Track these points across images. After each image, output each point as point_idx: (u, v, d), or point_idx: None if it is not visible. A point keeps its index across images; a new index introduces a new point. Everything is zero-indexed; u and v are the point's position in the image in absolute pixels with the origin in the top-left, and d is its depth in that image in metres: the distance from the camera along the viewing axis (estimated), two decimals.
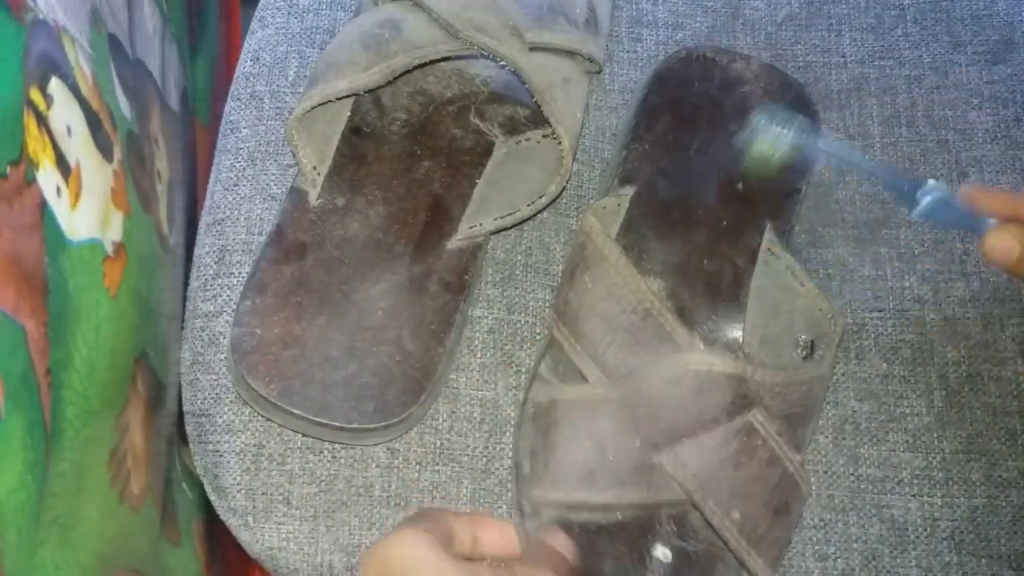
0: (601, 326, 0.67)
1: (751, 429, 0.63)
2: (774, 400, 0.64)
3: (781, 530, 0.64)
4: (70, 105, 0.59)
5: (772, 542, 0.63)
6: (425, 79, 0.77)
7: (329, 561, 0.69)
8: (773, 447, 0.63)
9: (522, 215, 0.72)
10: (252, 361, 0.68)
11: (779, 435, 0.63)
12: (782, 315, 0.70)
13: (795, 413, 0.65)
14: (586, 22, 0.76)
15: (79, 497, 0.56)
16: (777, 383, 0.63)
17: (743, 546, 0.62)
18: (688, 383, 0.63)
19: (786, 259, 0.70)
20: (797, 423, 0.65)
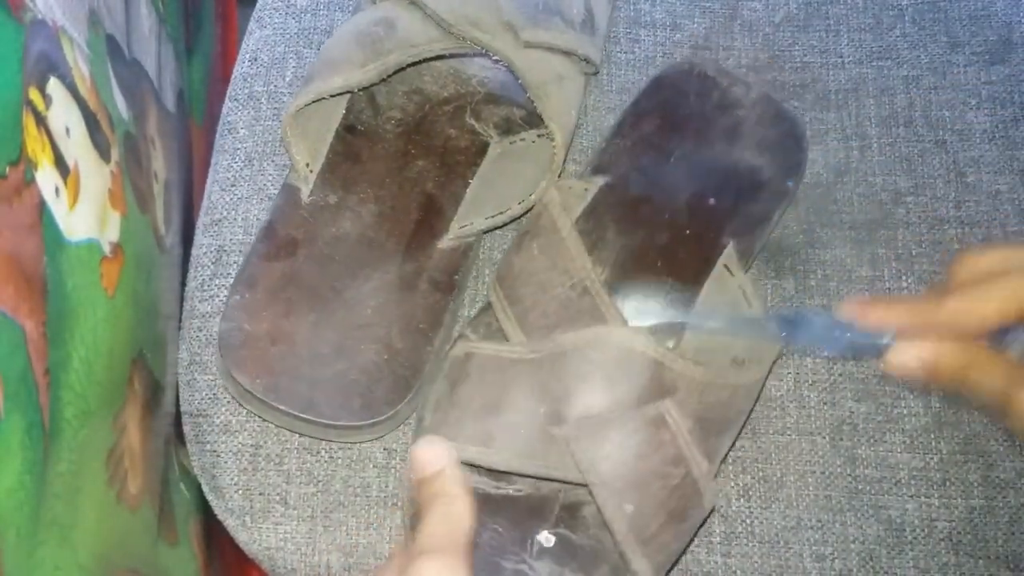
0: (537, 293, 0.66)
1: (661, 421, 0.61)
2: (690, 396, 0.62)
3: (673, 537, 0.62)
4: (68, 105, 0.59)
5: (661, 546, 0.61)
6: (421, 78, 0.77)
7: (327, 561, 0.69)
8: (681, 445, 0.61)
9: (513, 214, 0.72)
10: (239, 356, 0.67)
11: (689, 434, 0.61)
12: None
13: (711, 418, 0.63)
14: (583, 23, 0.76)
15: (78, 497, 0.56)
16: (697, 379, 0.62)
17: (630, 542, 0.60)
18: (606, 357, 0.62)
19: (740, 279, 0.69)
20: (711, 430, 0.63)
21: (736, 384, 0.64)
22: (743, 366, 0.65)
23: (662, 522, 0.61)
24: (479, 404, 0.64)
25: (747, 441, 0.71)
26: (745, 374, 0.65)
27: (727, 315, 0.66)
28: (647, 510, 0.60)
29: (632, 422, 0.61)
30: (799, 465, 0.70)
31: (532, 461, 0.62)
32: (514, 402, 0.63)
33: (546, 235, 0.68)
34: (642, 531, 0.60)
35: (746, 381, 0.65)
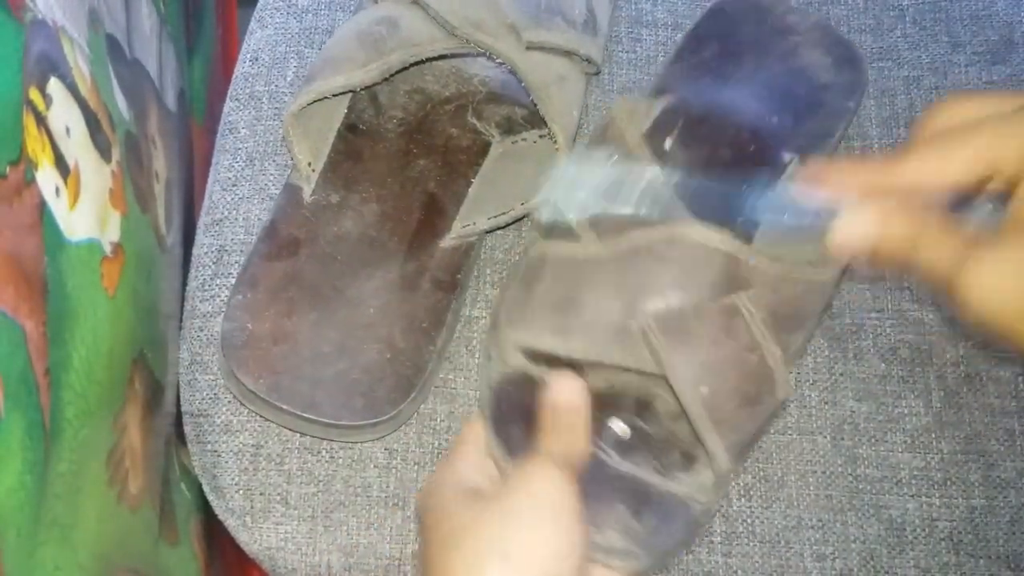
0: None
1: (735, 311, 0.61)
2: (764, 290, 0.62)
3: (748, 420, 0.62)
4: (69, 105, 0.59)
5: (735, 428, 0.61)
6: (423, 78, 0.77)
7: (327, 561, 0.69)
8: (755, 333, 0.61)
9: (515, 214, 0.72)
10: (242, 356, 0.67)
11: (763, 324, 0.62)
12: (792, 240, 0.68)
13: (784, 313, 0.63)
14: (584, 23, 0.76)
15: (78, 497, 0.56)
16: (771, 273, 0.62)
17: (705, 423, 0.60)
18: (681, 253, 0.61)
19: None
20: (784, 325, 0.63)
21: (809, 280, 0.63)
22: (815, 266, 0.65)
23: (736, 405, 0.61)
24: (555, 300, 0.64)
25: None
26: (819, 271, 0.64)
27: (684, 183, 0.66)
28: (722, 393, 0.60)
29: (707, 312, 0.61)
30: (800, 465, 0.70)
31: (608, 353, 0.62)
32: (590, 298, 0.63)
33: (613, 143, 0.67)
34: (716, 412, 0.60)
35: (819, 279, 0.64)
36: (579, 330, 0.63)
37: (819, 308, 0.66)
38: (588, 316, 0.63)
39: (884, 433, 0.71)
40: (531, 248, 0.68)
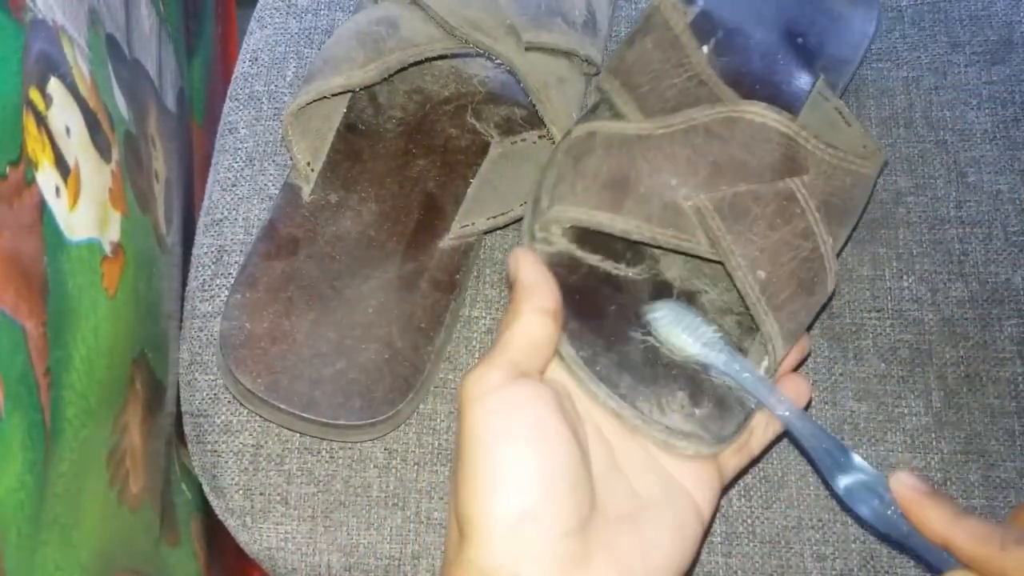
0: (654, 82, 0.65)
1: (792, 195, 0.60)
2: (819, 178, 0.61)
3: (802, 306, 0.60)
4: (69, 105, 0.59)
5: (791, 314, 0.60)
6: (422, 78, 0.77)
7: (327, 561, 0.69)
8: (810, 220, 0.60)
9: (515, 215, 0.72)
10: (240, 355, 0.67)
11: (817, 211, 0.60)
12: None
13: (834, 204, 0.62)
14: (584, 24, 0.76)
15: (79, 497, 0.56)
16: (826, 160, 0.61)
17: (762, 305, 0.58)
18: (739, 131, 0.60)
19: (836, 102, 0.69)
20: (833, 215, 0.62)
21: (858, 172, 0.63)
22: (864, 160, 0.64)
23: (792, 291, 0.60)
24: (606, 175, 0.62)
25: None
26: (866, 165, 0.64)
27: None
28: (778, 277, 0.59)
29: (763, 194, 0.60)
30: (800, 465, 0.70)
31: (663, 230, 0.60)
32: (643, 174, 0.61)
33: (659, 31, 0.67)
34: (774, 297, 0.59)
35: (866, 172, 0.64)
36: (632, 208, 0.61)
37: (862, 204, 0.65)
38: (641, 194, 0.61)
39: (884, 433, 0.71)
40: (575, 128, 0.66)
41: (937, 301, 0.74)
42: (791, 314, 0.60)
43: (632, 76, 0.66)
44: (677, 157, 0.61)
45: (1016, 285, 0.74)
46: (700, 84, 0.64)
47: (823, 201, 0.61)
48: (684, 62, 0.65)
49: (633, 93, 0.65)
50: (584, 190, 0.62)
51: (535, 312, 0.56)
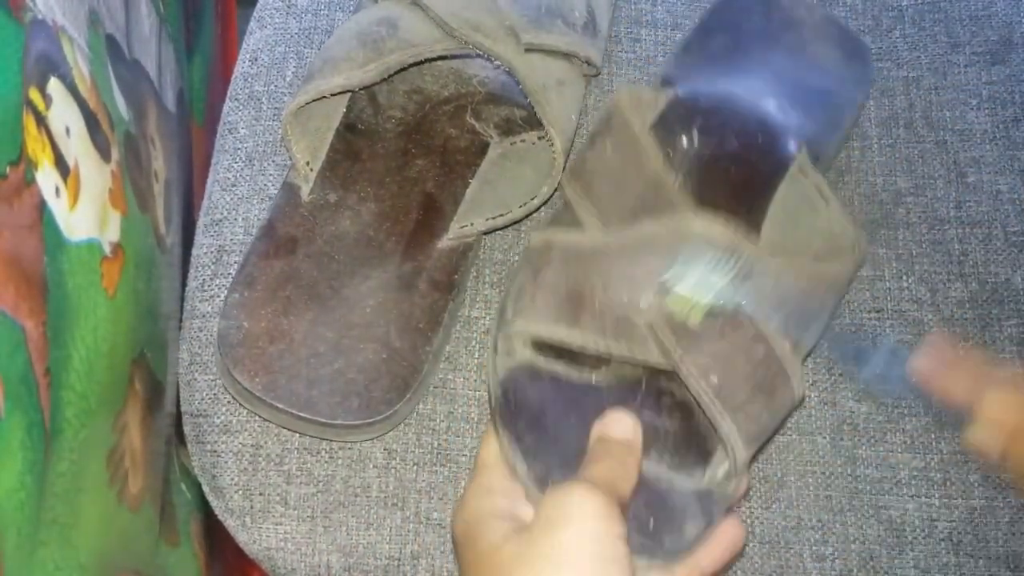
0: (612, 188, 0.66)
1: (737, 304, 0.61)
2: (767, 282, 0.62)
3: (762, 408, 0.61)
4: (69, 105, 0.59)
5: (750, 416, 0.60)
6: (422, 78, 0.77)
7: (327, 561, 0.69)
8: (759, 325, 0.61)
9: (513, 216, 0.72)
10: (238, 354, 0.67)
11: (767, 319, 0.61)
12: (801, 229, 0.68)
13: (791, 307, 0.62)
14: (584, 25, 0.76)
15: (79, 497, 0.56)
16: (773, 268, 0.62)
17: (717, 407, 0.59)
18: (686, 244, 0.61)
19: (816, 178, 0.69)
20: (791, 320, 0.63)
21: (814, 273, 0.63)
22: (823, 260, 0.65)
23: (749, 392, 0.60)
24: (564, 289, 0.64)
25: None
26: (822, 266, 0.64)
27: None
28: (732, 381, 0.60)
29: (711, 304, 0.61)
30: (799, 465, 0.70)
31: (617, 344, 0.62)
32: (597, 289, 0.62)
33: (619, 133, 0.68)
34: (729, 399, 0.60)
35: (825, 272, 0.64)
36: (588, 322, 0.62)
37: (829, 302, 0.65)
38: (596, 308, 0.62)
39: (884, 433, 0.71)
40: (533, 235, 0.68)
41: (937, 301, 0.74)
42: (750, 416, 0.60)
43: (592, 182, 0.68)
44: (629, 270, 0.62)
45: (1016, 285, 0.74)
46: (657, 189, 0.65)
47: (776, 306, 0.62)
48: (642, 166, 0.66)
49: (592, 200, 0.67)
50: (544, 304, 0.64)
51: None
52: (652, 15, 0.84)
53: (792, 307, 0.62)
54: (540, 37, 0.72)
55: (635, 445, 0.59)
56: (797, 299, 0.63)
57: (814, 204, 0.68)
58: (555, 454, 0.61)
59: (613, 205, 0.66)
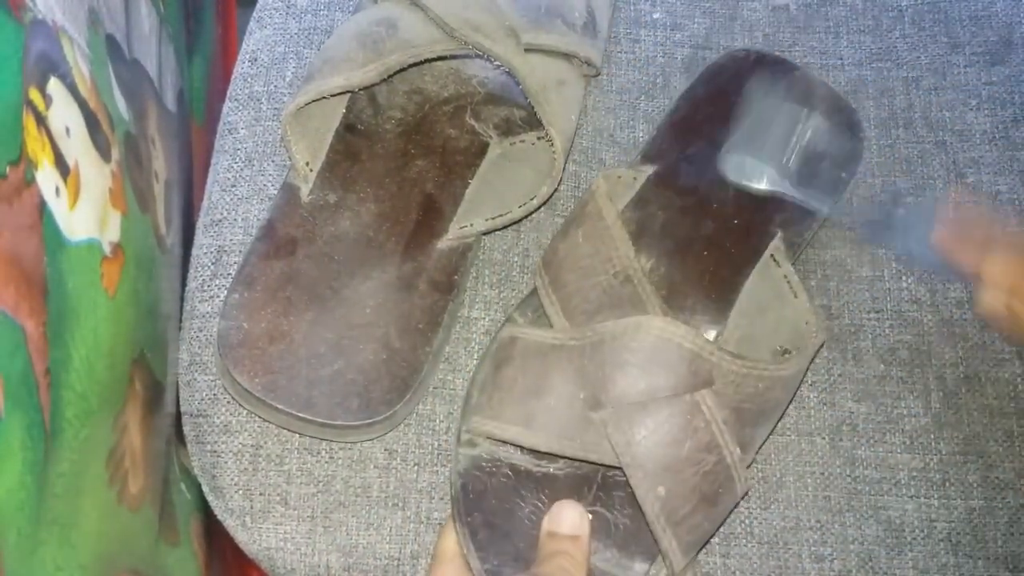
0: (580, 280, 0.67)
1: (696, 409, 0.62)
2: (727, 387, 0.63)
3: (704, 518, 0.63)
4: (69, 105, 0.59)
5: (692, 528, 0.62)
6: (421, 78, 0.77)
7: (326, 561, 0.69)
8: (715, 433, 0.62)
9: (513, 216, 0.72)
10: (238, 355, 0.67)
11: (724, 423, 0.62)
12: (768, 320, 0.69)
13: (747, 409, 0.63)
14: (584, 25, 0.76)
15: (78, 497, 0.56)
16: (733, 371, 0.62)
17: (660, 523, 0.61)
18: (645, 347, 0.62)
19: (787, 269, 0.70)
20: (747, 420, 0.64)
21: (774, 376, 0.64)
22: (784, 357, 0.66)
23: (693, 505, 0.61)
24: (522, 387, 0.65)
25: None
26: (785, 366, 0.65)
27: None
28: (679, 493, 0.61)
29: (667, 409, 0.62)
30: (798, 466, 0.70)
31: (570, 443, 0.63)
32: (555, 386, 0.64)
33: (591, 223, 0.68)
34: (673, 513, 0.61)
35: (784, 374, 0.65)
36: (542, 422, 0.64)
37: (784, 400, 0.67)
38: (551, 406, 0.64)
39: (883, 434, 0.71)
40: (505, 326, 0.69)
41: (936, 302, 0.74)
42: (691, 528, 0.62)
43: (561, 273, 0.68)
44: (587, 369, 0.63)
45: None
46: (625, 281, 0.66)
47: (733, 409, 0.63)
48: (612, 257, 0.67)
49: (559, 293, 0.68)
50: (499, 402, 0.65)
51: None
52: (651, 16, 0.84)
53: (747, 408, 0.63)
54: (540, 37, 0.72)
55: (583, 539, 0.62)
56: (755, 401, 0.64)
57: (783, 296, 0.69)
58: (508, 550, 0.63)
59: (579, 299, 0.67)
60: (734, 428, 0.63)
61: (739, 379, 0.63)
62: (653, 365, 0.62)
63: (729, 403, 0.63)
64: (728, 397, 0.63)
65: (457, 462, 0.66)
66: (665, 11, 0.84)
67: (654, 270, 0.71)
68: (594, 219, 0.68)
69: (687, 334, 0.62)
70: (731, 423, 0.63)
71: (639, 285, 0.66)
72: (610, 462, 0.63)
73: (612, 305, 0.66)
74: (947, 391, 0.72)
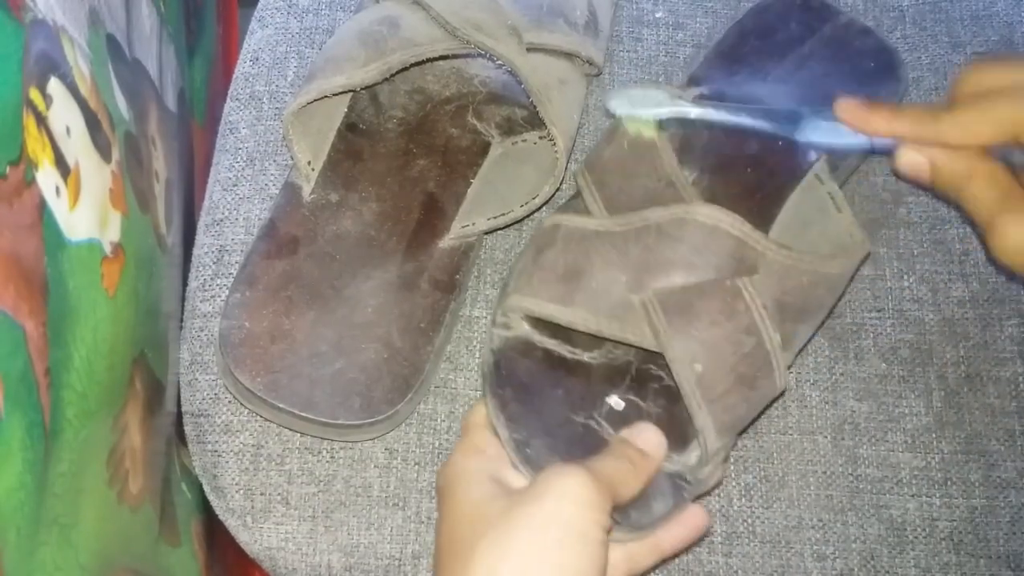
0: (624, 182, 0.68)
1: (737, 293, 0.62)
2: (771, 277, 0.62)
3: (741, 401, 0.62)
4: (69, 105, 0.59)
5: (727, 408, 0.62)
6: (423, 78, 0.77)
7: (327, 561, 0.69)
8: (755, 317, 0.62)
9: (515, 215, 0.72)
10: (240, 354, 0.67)
11: (764, 309, 0.62)
12: (810, 233, 0.69)
13: (789, 303, 0.63)
14: (586, 24, 0.76)
15: (79, 497, 0.56)
16: (779, 261, 0.62)
17: (696, 398, 0.61)
18: (689, 232, 0.62)
19: (831, 186, 0.70)
20: (788, 314, 0.63)
21: (816, 271, 0.64)
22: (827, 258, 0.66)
23: (730, 385, 0.61)
24: (563, 268, 0.65)
25: (749, 440, 0.71)
26: (831, 263, 0.65)
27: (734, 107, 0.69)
28: (716, 371, 0.61)
29: (708, 292, 0.62)
30: (800, 464, 0.70)
31: (609, 323, 0.63)
32: (597, 269, 0.64)
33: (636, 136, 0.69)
34: (709, 391, 0.61)
35: (830, 271, 0.65)
36: (582, 301, 0.63)
37: (827, 302, 0.66)
38: (593, 288, 0.64)
39: (884, 433, 0.71)
40: (545, 219, 0.69)
41: (938, 301, 0.74)
42: (727, 407, 0.61)
43: (605, 175, 0.69)
44: (630, 254, 0.64)
45: (1016, 285, 0.74)
46: (668, 185, 0.67)
47: (776, 300, 0.63)
48: (656, 165, 0.67)
49: (603, 192, 0.68)
50: (540, 281, 0.65)
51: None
52: (653, 15, 0.84)
53: (790, 301, 0.63)
54: (542, 37, 0.72)
55: (652, 460, 0.61)
56: (796, 294, 0.63)
57: (827, 211, 0.69)
58: (536, 424, 0.63)
59: (624, 197, 0.67)
60: (775, 318, 0.62)
61: (784, 270, 0.62)
62: (698, 250, 0.62)
63: (772, 293, 0.62)
64: (772, 287, 0.62)
65: (491, 341, 0.67)
66: (667, 10, 0.84)
67: (697, 183, 0.71)
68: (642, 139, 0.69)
69: (734, 221, 0.62)
70: (772, 312, 0.62)
71: (682, 189, 0.66)
72: (648, 344, 0.62)
73: (656, 203, 0.65)
74: (949, 390, 0.72)
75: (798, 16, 0.78)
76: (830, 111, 0.64)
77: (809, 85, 0.75)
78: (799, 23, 0.78)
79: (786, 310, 0.63)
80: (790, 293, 0.63)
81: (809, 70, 0.76)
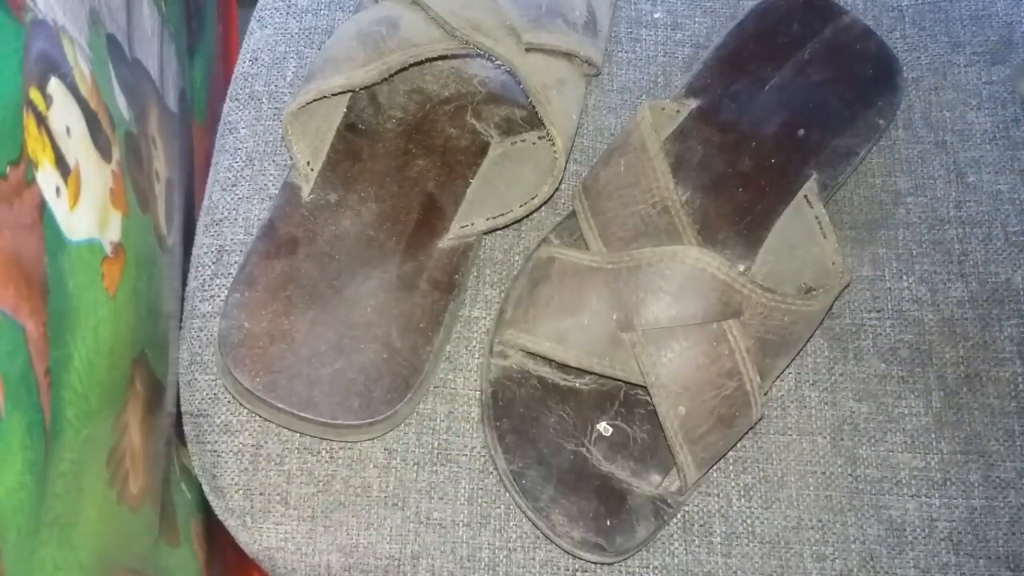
0: (619, 208, 0.69)
1: (723, 337, 0.64)
2: (754, 319, 0.65)
3: (720, 438, 0.65)
4: (69, 105, 0.59)
5: (707, 446, 0.65)
6: (422, 78, 0.77)
7: (327, 561, 0.69)
8: (737, 361, 0.65)
9: (514, 216, 0.72)
10: (239, 354, 0.67)
11: (747, 352, 0.65)
12: (795, 258, 0.71)
13: (771, 340, 0.66)
14: (585, 25, 0.76)
15: (79, 497, 0.56)
16: (762, 303, 0.65)
17: (679, 439, 0.64)
18: (679, 275, 0.65)
19: (819, 210, 0.72)
20: (769, 350, 0.66)
21: (800, 311, 0.66)
22: (810, 294, 0.68)
23: (711, 425, 0.65)
24: (557, 304, 0.68)
25: (748, 441, 0.71)
26: (811, 302, 0.67)
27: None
28: (698, 414, 0.64)
29: (695, 335, 0.64)
30: (800, 465, 0.70)
31: (600, 360, 0.66)
32: (589, 306, 0.67)
33: (634, 153, 0.70)
34: (691, 432, 0.64)
35: (810, 310, 0.67)
36: (575, 338, 0.66)
37: (806, 335, 0.69)
38: (585, 325, 0.66)
39: (884, 433, 0.71)
40: (541, 248, 0.71)
41: (937, 301, 0.74)
42: (707, 445, 0.65)
43: (600, 200, 0.70)
44: (621, 292, 0.66)
45: (1016, 285, 0.74)
46: (663, 212, 0.68)
47: (758, 339, 0.66)
48: (652, 188, 0.69)
49: (598, 219, 0.70)
50: (535, 318, 0.68)
51: None
52: (652, 15, 0.84)
53: (771, 339, 0.66)
54: (541, 37, 0.72)
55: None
56: (778, 333, 0.66)
57: (813, 236, 0.71)
58: (533, 454, 0.67)
59: (617, 226, 0.69)
60: (756, 357, 0.65)
61: (767, 311, 0.65)
62: (686, 292, 0.65)
63: (754, 333, 0.65)
64: (754, 327, 0.65)
65: (488, 371, 0.69)
66: (666, 10, 0.84)
67: (689, 203, 0.72)
68: (637, 150, 0.70)
69: (721, 265, 0.64)
70: (754, 352, 0.65)
71: (676, 216, 0.68)
72: (636, 380, 0.65)
73: (648, 234, 0.68)
74: (948, 390, 0.72)
75: (800, 17, 0.78)
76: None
77: (807, 93, 0.76)
78: (801, 24, 0.78)
79: (767, 347, 0.66)
80: (772, 332, 0.66)
81: (807, 77, 0.76)
